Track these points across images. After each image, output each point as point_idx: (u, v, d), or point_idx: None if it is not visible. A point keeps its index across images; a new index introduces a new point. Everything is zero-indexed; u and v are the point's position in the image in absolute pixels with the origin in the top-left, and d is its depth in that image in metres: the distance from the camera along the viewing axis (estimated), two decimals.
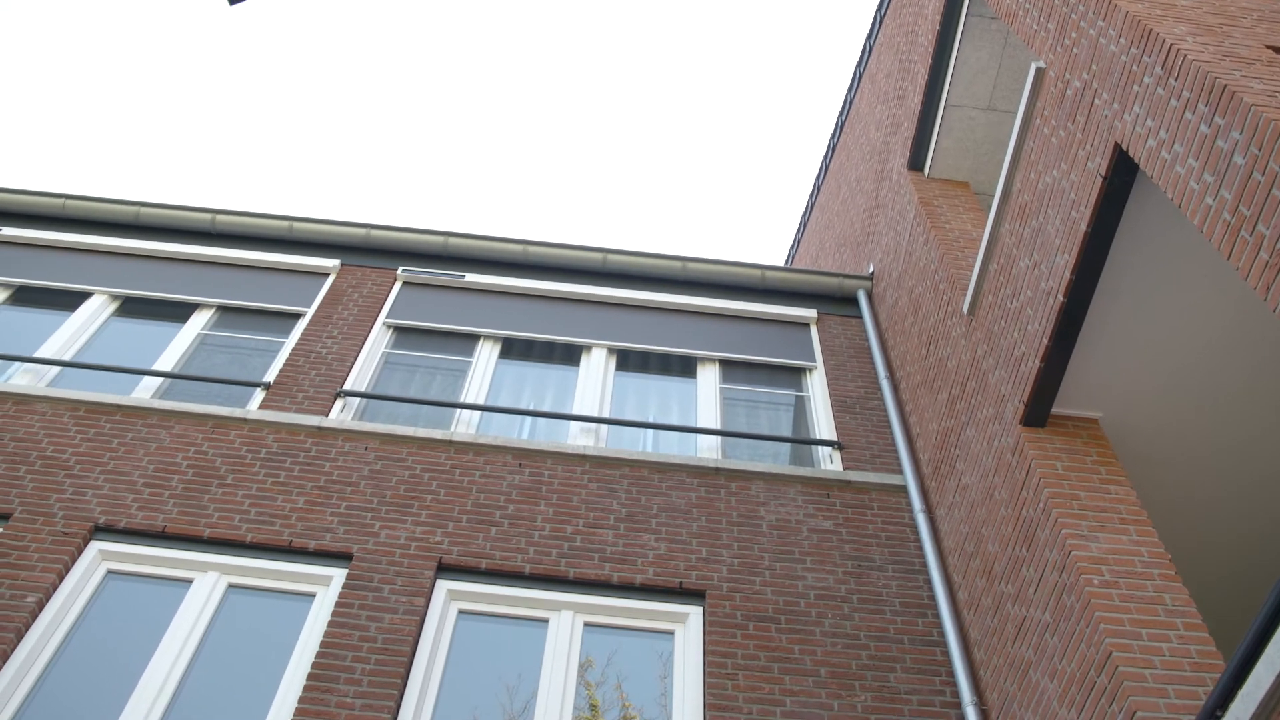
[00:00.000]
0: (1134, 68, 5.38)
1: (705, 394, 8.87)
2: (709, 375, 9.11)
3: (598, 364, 9.06)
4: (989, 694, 6.13)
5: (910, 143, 9.61)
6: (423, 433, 7.84)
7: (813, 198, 14.63)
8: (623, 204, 46.28)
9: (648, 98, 46.00)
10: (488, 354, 9.09)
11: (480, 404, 8.39)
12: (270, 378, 8.43)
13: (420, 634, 6.46)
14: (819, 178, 14.23)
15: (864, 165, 11.54)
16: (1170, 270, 5.73)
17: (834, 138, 13.42)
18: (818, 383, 9.12)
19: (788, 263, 16.29)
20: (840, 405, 8.73)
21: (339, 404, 8.21)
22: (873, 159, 11.12)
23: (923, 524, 7.41)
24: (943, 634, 6.75)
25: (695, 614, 6.81)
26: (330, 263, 9.79)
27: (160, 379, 8.41)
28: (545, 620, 6.72)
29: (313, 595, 6.73)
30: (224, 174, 42.32)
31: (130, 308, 9.31)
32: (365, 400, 8.36)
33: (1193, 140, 4.69)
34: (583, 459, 7.80)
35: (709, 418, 8.59)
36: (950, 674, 6.51)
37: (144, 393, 8.25)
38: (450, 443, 7.80)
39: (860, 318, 9.96)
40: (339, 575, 6.79)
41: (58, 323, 9.00)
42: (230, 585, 6.75)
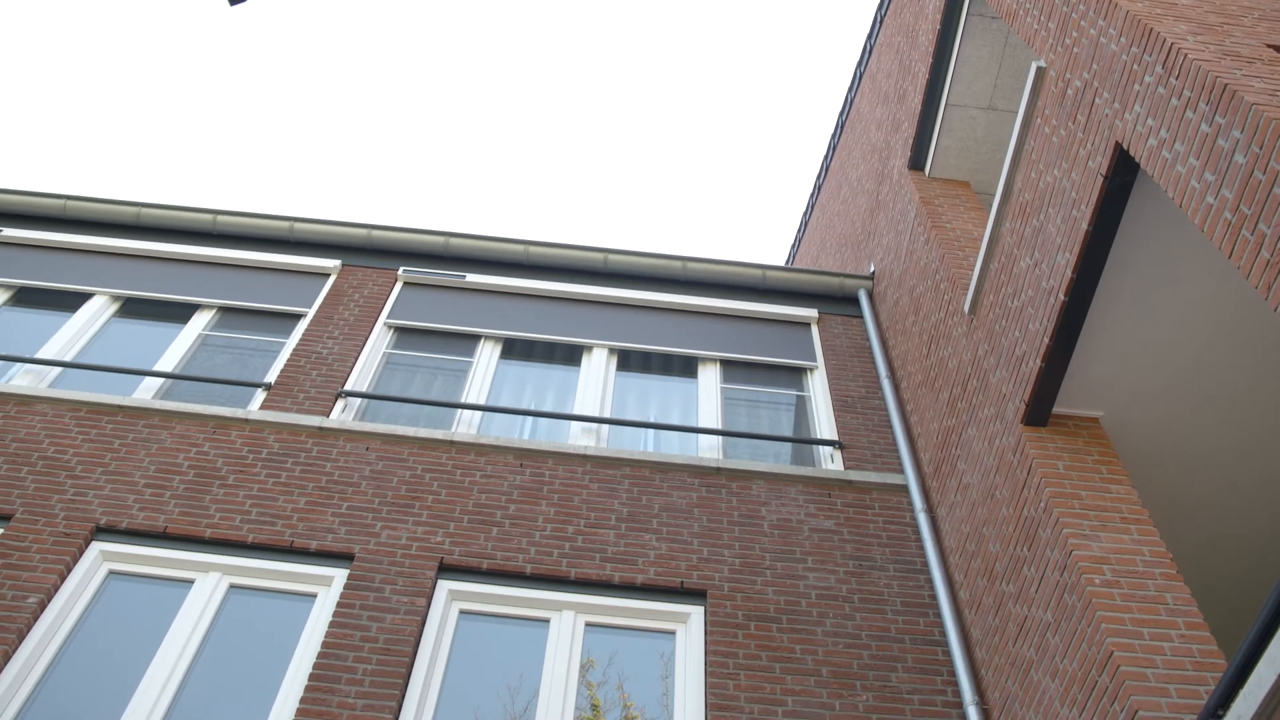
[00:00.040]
0: (1135, 67, 5.38)
1: (706, 394, 8.87)
2: (710, 375, 9.10)
3: (599, 364, 9.06)
4: (990, 693, 6.13)
5: (911, 142, 9.61)
6: (424, 433, 7.84)
7: (813, 197, 14.62)
8: (623, 204, 46.27)
9: (648, 98, 45.98)
10: (489, 354, 9.09)
11: (481, 404, 8.39)
12: (271, 378, 8.43)
13: (421, 634, 6.46)
14: (819, 177, 14.22)
15: (865, 165, 11.53)
16: (1171, 269, 5.72)
17: (834, 137, 13.41)
18: (819, 382, 9.12)
19: (788, 262, 16.28)
20: (841, 405, 8.73)
21: (340, 404, 8.21)
22: (873, 158, 11.12)
23: (924, 523, 7.41)
24: (944, 633, 6.75)
25: (697, 614, 6.81)
26: (331, 263, 9.79)
27: (161, 379, 8.41)
28: (546, 620, 6.72)
29: (314, 595, 6.73)
30: (225, 174, 42.33)
31: (131, 308, 9.31)
32: (366, 400, 8.37)
33: (1193, 139, 4.68)
34: (584, 459, 7.80)
35: (710, 418, 8.59)
36: (952, 673, 6.51)
37: (145, 393, 8.25)
38: (451, 443, 7.80)
39: (861, 317, 9.95)
40: (340, 575, 6.80)
41: (59, 323, 9.01)
42: (232, 586, 6.75)
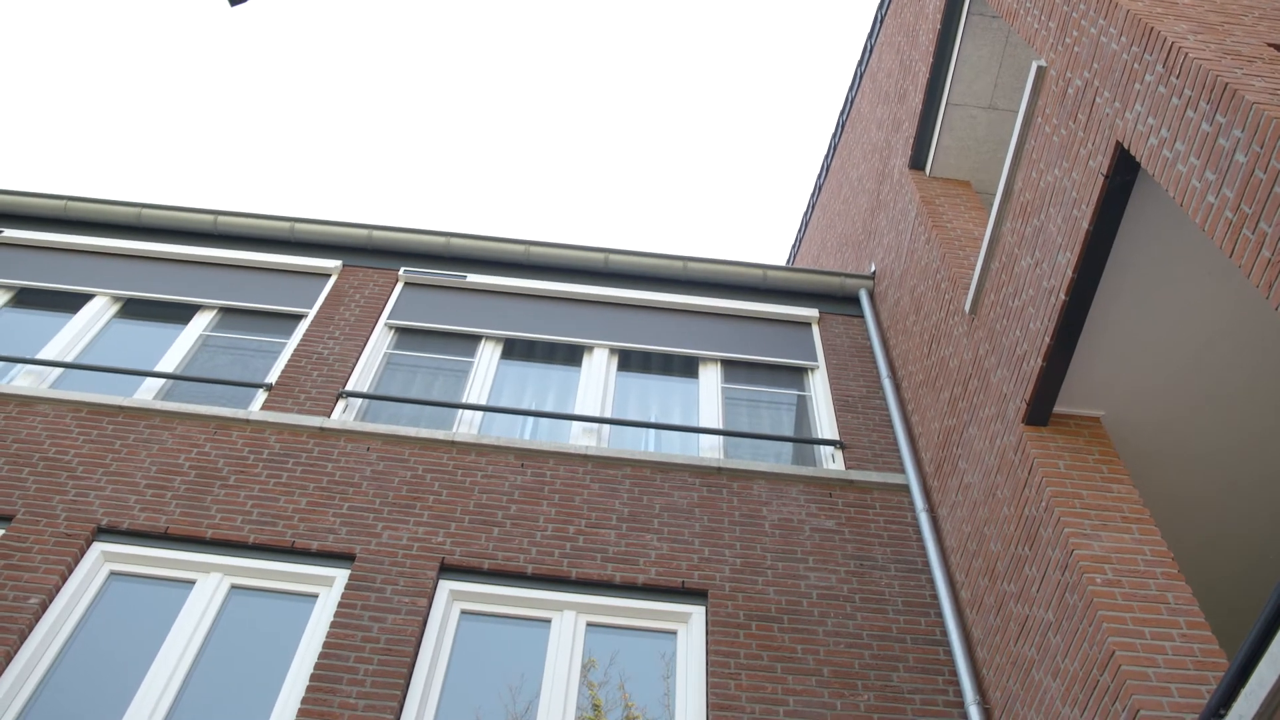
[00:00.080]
0: (1135, 66, 5.37)
1: (707, 394, 8.87)
2: (711, 375, 9.10)
3: (599, 364, 9.06)
4: (992, 693, 6.13)
5: (911, 142, 9.60)
6: (425, 433, 7.84)
7: (814, 197, 14.62)
8: (623, 204, 46.27)
9: (649, 98, 45.98)
10: (490, 354, 9.09)
11: (482, 404, 8.39)
12: (272, 379, 8.43)
13: (423, 634, 6.47)
14: (820, 177, 14.22)
15: (865, 164, 11.53)
16: (1172, 269, 5.72)
17: (835, 137, 13.41)
18: (819, 382, 9.11)
19: (789, 262, 16.28)
20: (842, 404, 8.73)
21: (341, 405, 8.21)
22: (874, 158, 11.12)
23: (925, 523, 7.41)
24: (945, 633, 6.75)
25: (698, 614, 6.81)
26: (332, 263, 9.79)
27: (162, 380, 8.41)
28: (548, 620, 6.72)
29: (315, 596, 6.74)
30: (226, 175, 42.34)
31: (132, 309, 9.31)
32: (367, 401, 8.37)
33: (1194, 138, 4.68)
34: (585, 459, 7.80)
35: (711, 417, 8.59)
36: (953, 673, 6.51)
37: (146, 394, 8.26)
38: (452, 443, 7.80)
39: (862, 317, 9.95)
40: (341, 576, 6.80)
41: (60, 324, 9.01)
42: (233, 586, 6.76)
